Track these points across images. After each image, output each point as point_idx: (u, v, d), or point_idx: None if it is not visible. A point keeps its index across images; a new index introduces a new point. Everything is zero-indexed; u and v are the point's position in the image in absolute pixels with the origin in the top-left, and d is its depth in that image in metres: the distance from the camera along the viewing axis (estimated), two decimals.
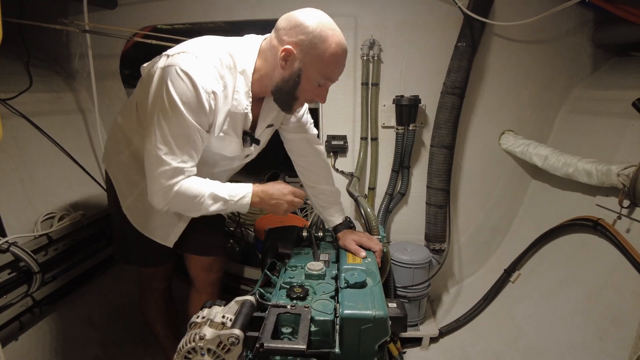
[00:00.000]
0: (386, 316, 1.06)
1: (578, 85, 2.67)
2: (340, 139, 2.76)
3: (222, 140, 1.57)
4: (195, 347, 1.01)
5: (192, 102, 1.37)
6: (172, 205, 1.46)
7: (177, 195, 1.43)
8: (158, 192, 1.43)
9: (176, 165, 1.41)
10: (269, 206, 1.59)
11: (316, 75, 1.45)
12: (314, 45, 1.40)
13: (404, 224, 2.94)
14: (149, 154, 1.42)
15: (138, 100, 1.58)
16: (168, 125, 1.38)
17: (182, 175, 1.44)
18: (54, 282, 2.21)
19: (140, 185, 1.66)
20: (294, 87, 1.48)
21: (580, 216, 2.22)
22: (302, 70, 1.44)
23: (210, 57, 1.43)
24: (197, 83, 1.35)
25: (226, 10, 2.64)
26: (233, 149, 1.63)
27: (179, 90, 1.35)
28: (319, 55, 1.40)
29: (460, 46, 2.44)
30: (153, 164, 1.41)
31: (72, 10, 2.66)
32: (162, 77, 1.38)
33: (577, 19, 2.54)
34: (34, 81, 2.48)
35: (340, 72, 1.50)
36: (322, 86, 1.50)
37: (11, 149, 2.26)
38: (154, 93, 1.41)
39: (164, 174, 1.41)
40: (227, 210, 1.55)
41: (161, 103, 1.37)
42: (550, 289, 2.32)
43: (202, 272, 2.04)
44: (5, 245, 1.90)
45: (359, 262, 1.37)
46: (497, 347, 2.40)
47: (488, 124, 2.74)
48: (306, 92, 1.49)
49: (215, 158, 1.66)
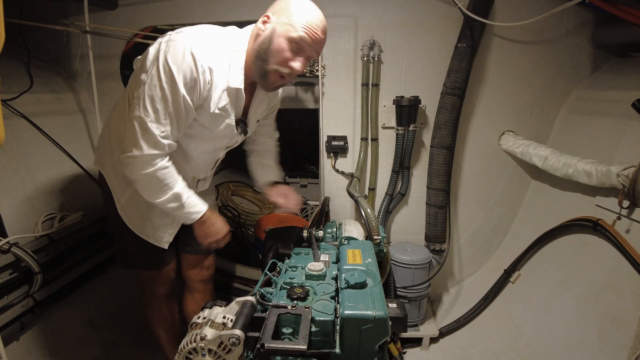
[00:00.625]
0: (386, 316, 1.06)
1: (578, 85, 2.68)
2: (341, 139, 2.76)
3: (215, 117, 1.60)
4: (196, 348, 1.01)
5: (188, 74, 1.41)
6: (142, 178, 1.52)
7: (153, 173, 1.50)
8: (137, 159, 1.47)
9: (159, 135, 1.46)
10: (203, 231, 1.72)
11: (286, 37, 1.48)
12: (287, 8, 1.50)
13: (404, 225, 2.95)
14: (134, 119, 1.45)
15: (130, 92, 1.58)
16: (160, 93, 1.42)
17: (163, 150, 1.50)
18: (55, 283, 2.21)
19: (132, 184, 1.66)
20: (267, 50, 1.50)
21: (580, 216, 2.22)
22: (274, 31, 1.49)
23: (208, 36, 1.49)
24: (196, 56, 1.40)
25: (226, 10, 2.65)
26: (224, 129, 1.65)
27: (177, 60, 1.39)
28: (290, 17, 1.48)
29: (460, 47, 2.44)
30: (137, 129, 1.45)
31: (73, 11, 2.66)
32: (160, 49, 1.42)
33: (576, 20, 2.55)
34: (34, 82, 2.48)
35: (313, 44, 1.51)
36: (294, 52, 1.51)
37: (12, 149, 2.27)
38: (150, 63, 1.43)
39: (148, 141, 1.46)
40: (173, 213, 1.63)
41: (156, 71, 1.40)
42: (550, 289, 2.33)
43: (192, 270, 2.10)
44: (7, 245, 1.91)
45: (359, 262, 1.37)
46: (497, 347, 2.41)
47: (488, 124, 2.74)
48: (277, 55, 1.50)
49: (204, 139, 1.69)
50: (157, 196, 1.57)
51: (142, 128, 1.45)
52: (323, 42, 1.55)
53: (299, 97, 3.10)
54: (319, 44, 1.53)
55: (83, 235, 2.38)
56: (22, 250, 1.95)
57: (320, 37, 1.51)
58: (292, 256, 1.55)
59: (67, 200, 2.46)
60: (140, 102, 1.44)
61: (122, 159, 1.51)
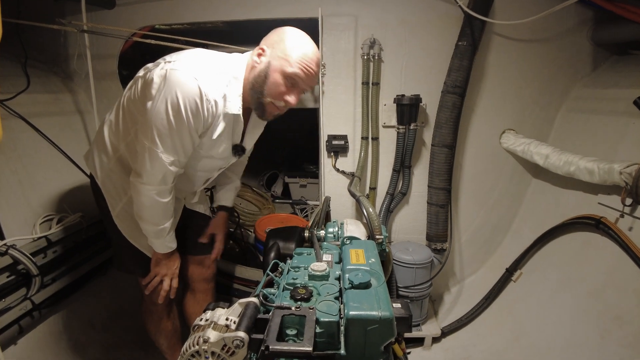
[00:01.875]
0: (392, 317, 1.05)
1: (578, 83, 2.67)
2: (341, 138, 2.75)
3: (215, 142, 1.66)
4: (199, 350, 1.00)
5: (194, 105, 1.45)
6: (147, 204, 1.62)
7: (158, 204, 1.62)
8: (148, 188, 1.58)
9: (169, 164, 1.54)
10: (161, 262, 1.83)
11: (281, 72, 1.52)
12: (281, 42, 1.53)
13: (405, 224, 2.94)
14: (144, 149, 1.52)
15: (127, 107, 1.65)
16: (167, 125, 1.46)
17: (173, 181, 1.63)
18: (54, 285, 2.19)
19: (128, 191, 1.72)
20: (262, 84, 1.55)
21: (582, 215, 2.22)
22: (270, 65, 1.53)
23: (210, 64, 1.53)
24: (201, 87, 1.44)
25: (225, 10, 2.63)
26: (222, 152, 1.73)
27: (183, 91, 1.43)
28: (284, 51, 1.51)
29: (460, 45, 2.43)
30: (148, 160, 1.53)
31: (70, 10, 2.64)
32: (167, 79, 1.44)
33: (576, 18, 2.54)
34: (31, 82, 2.46)
35: (307, 79, 1.55)
36: (289, 86, 1.55)
37: (9, 150, 2.24)
38: (156, 92, 1.46)
39: (159, 172, 1.55)
40: (150, 236, 1.72)
41: (163, 102, 1.44)
42: (552, 287, 2.32)
43: (194, 269, 2.11)
44: (4, 247, 1.89)
45: (363, 262, 1.35)
46: (499, 346, 2.40)
47: (489, 123, 2.74)
48: (273, 89, 1.55)
49: (201, 161, 1.76)
50: (150, 220, 1.67)
51: (152, 159, 1.52)
52: (316, 75, 1.58)
53: None
54: (312, 78, 1.57)
55: (82, 237, 2.35)
56: (19, 252, 1.93)
57: (314, 70, 1.55)
58: (294, 256, 1.54)
59: (65, 201, 2.43)
60: (148, 133, 1.49)
61: (133, 182, 1.60)
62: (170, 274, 1.86)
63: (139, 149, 1.56)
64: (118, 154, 1.72)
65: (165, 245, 1.77)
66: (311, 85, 1.61)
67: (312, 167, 4.30)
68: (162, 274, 1.85)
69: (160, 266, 1.84)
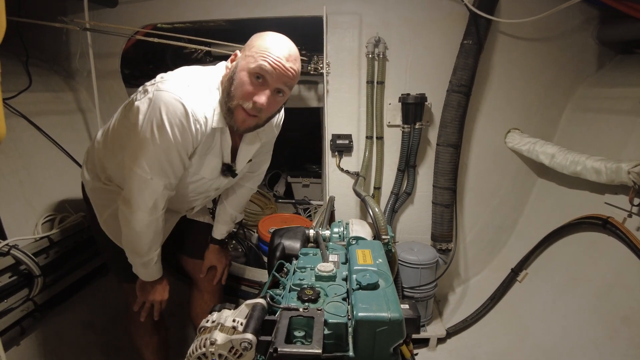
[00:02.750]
0: (401, 318, 1.03)
1: (583, 83, 2.66)
2: (345, 138, 2.73)
3: (202, 161, 1.61)
4: (205, 353, 0.98)
5: (181, 127, 1.40)
6: (135, 232, 1.57)
7: (146, 234, 1.58)
8: (143, 212, 1.53)
9: (160, 189, 1.50)
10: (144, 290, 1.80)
11: (246, 70, 1.41)
12: (250, 42, 1.46)
13: (410, 224, 2.92)
14: (133, 173, 1.47)
15: (118, 129, 1.62)
16: (155, 149, 1.42)
17: (162, 209, 1.58)
18: (56, 286, 2.17)
19: (115, 201, 1.67)
20: (229, 86, 1.45)
21: (589, 214, 2.20)
22: (237, 66, 1.45)
23: (194, 82, 1.46)
24: (187, 107, 1.38)
25: (227, 8, 2.62)
26: (211, 171, 1.67)
27: (169, 113, 1.38)
28: (252, 49, 1.43)
29: (466, 44, 2.42)
30: (137, 188, 1.49)
31: (72, 9, 2.62)
32: (152, 103, 1.40)
33: (582, 16, 2.53)
34: (33, 80, 2.44)
35: (275, 73, 1.39)
36: (257, 85, 1.42)
37: (10, 149, 2.22)
38: (143, 116, 1.42)
39: (149, 200, 1.51)
40: (134, 263, 1.70)
41: (149, 126, 1.40)
42: (558, 287, 2.30)
43: (198, 271, 2.09)
44: (6, 248, 1.87)
45: (370, 262, 1.33)
46: (504, 347, 2.38)
47: (494, 122, 2.72)
48: (239, 89, 1.42)
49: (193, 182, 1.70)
50: (138, 251, 1.65)
51: (141, 186, 1.49)
52: (291, 71, 1.42)
53: (302, 96, 3.07)
54: (284, 74, 1.41)
55: (84, 237, 2.33)
56: (21, 252, 1.90)
57: (283, 65, 1.39)
58: (299, 257, 1.51)
59: (66, 201, 2.41)
60: (136, 158, 1.45)
61: (122, 211, 1.56)
62: (159, 299, 1.84)
63: (126, 176, 1.51)
64: (107, 173, 1.72)
65: (151, 275, 1.75)
66: (286, 83, 1.45)
67: (314, 166, 4.29)
68: (150, 300, 1.83)
69: (147, 292, 1.81)
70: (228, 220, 2.06)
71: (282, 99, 1.52)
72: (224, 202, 2.03)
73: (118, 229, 1.68)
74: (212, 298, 2.11)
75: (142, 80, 3.32)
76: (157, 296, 1.83)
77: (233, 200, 2.02)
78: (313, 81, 3.01)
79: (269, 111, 1.51)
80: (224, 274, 2.13)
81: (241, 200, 2.05)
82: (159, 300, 1.84)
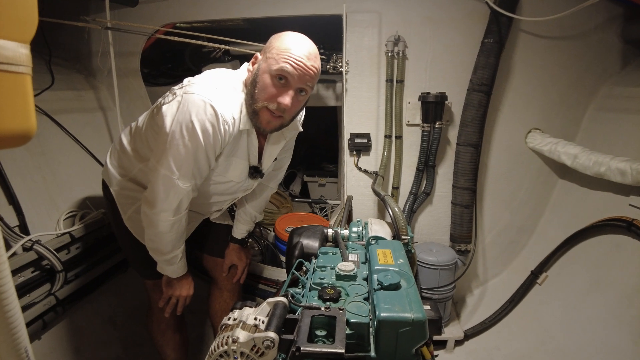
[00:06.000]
0: (425, 319, 1.01)
1: (607, 82, 2.60)
2: (364, 137, 2.71)
3: (230, 163, 1.64)
4: (227, 351, 0.98)
5: (210, 129, 1.42)
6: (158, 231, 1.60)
7: (169, 234, 1.61)
8: (167, 212, 1.55)
9: (185, 190, 1.52)
10: (170, 285, 1.83)
11: (268, 72, 1.44)
12: (270, 44, 1.48)
13: (428, 224, 2.89)
14: (159, 174, 1.49)
15: (142, 133, 1.65)
16: (184, 151, 1.44)
17: (185, 209, 1.60)
18: (77, 281, 2.20)
19: (139, 198, 1.70)
20: (253, 89, 1.48)
21: (613, 216, 2.15)
22: (259, 69, 1.47)
23: (222, 84, 1.49)
24: (217, 109, 1.41)
25: (246, 7, 2.62)
26: (239, 173, 1.70)
27: (198, 116, 1.40)
28: (272, 50, 1.45)
29: (487, 42, 2.39)
30: (163, 188, 1.51)
31: (93, 8, 2.66)
32: (182, 104, 1.43)
33: (605, 14, 2.48)
34: (55, 79, 2.48)
35: (297, 73, 1.42)
36: (280, 86, 1.45)
37: (33, 146, 2.27)
38: (172, 118, 1.45)
39: (174, 201, 1.52)
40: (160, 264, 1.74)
41: (179, 128, 1.42)
42: (580, 291, 2.25)
43: (219, 269, 2.13)
44: (29, 243, 1.90)
45: (391, 262, 1.32)
46: (524, 350, 2.35)
47: (514, 122, 2.68)
48: (263, 91, 1.46)
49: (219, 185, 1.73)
50: (162, 250, 1.67)
51: (168, 187, 1.50)
52: (312, 70, 1.45)
53: (319, 95, 3.06)
54: (306, 74, 1.44)
55: (104, 234, 2.36)
56: (44, 248, 1.94)
57: (305, 64, 1.42)
58: (319, 256, 1.51)
59: (87, 198, 2.45)
60: (164, 160, 1.47)
61: (146, 212, 1.58)
62: (185, 294, 1.87)
63: (152, 177, 1.54)
64: (132, 174, 1.74)
65: (177, 271, 1.78)
66: (308, 82, 1.47)
67: (330, 166, 4.27)
68: (176, 295, 1.86)
69: (173, 287, 1.84)
70: (249, 220, 2.08)
71: (305, 97, 1.54)
72: (245, 204, 2.05)
73: (142, 227, 1.71)
74: (232, 296, 2.13)
75: (160, 79, 3.37)
76: (184, 291, 1.85)
77: (254, 201, 2.05)
78: (331, 80, 3.00)
79: (293, 111, 1.53)
80: (244, 273, 2.15)
81: (262, 201, 2.08)
82: (185, 295, 1.87)
